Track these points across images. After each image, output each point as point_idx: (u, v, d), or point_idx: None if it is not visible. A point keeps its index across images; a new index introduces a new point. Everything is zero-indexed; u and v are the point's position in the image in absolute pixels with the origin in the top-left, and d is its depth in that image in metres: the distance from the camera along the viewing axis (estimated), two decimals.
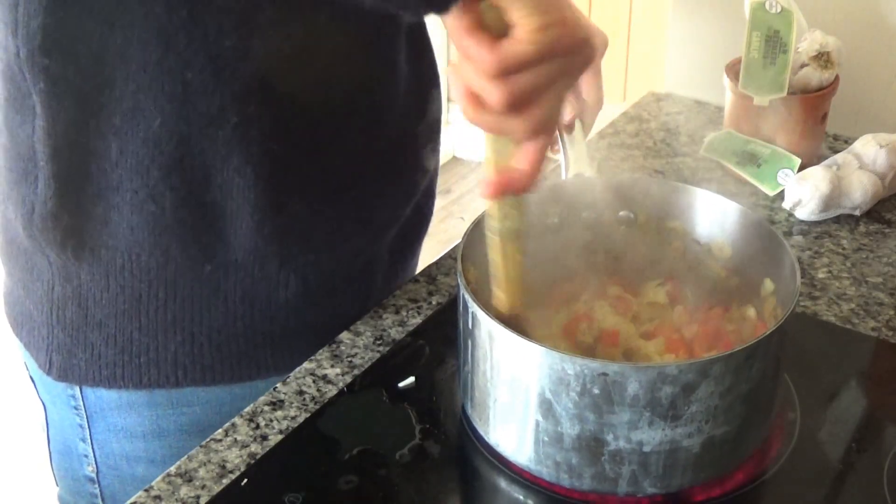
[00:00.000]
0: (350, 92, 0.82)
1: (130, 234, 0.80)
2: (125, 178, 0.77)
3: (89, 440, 0.89)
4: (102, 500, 0.92)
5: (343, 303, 0.90)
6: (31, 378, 0.92)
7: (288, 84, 0.77)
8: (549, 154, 0.91)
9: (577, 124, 0.88)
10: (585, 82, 0.88)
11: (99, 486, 0.92)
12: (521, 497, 0.76)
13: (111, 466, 0.91)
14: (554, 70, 0.61)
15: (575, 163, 0.88)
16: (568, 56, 0.61)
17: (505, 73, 0.59)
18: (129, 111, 0.74)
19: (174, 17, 0.72)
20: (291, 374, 0.86)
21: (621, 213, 0.86)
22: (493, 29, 0.59)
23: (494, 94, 0.60)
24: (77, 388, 0.87)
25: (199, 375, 0.86)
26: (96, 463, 0.91)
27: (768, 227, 0.80)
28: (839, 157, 1.12)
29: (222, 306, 0.84)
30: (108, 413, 0.88)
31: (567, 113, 0.87)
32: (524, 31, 0.58)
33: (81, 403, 0.88)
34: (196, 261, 0.81)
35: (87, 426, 0.89)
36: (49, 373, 0.87)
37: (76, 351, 0.85)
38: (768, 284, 0.80)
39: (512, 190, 0.66)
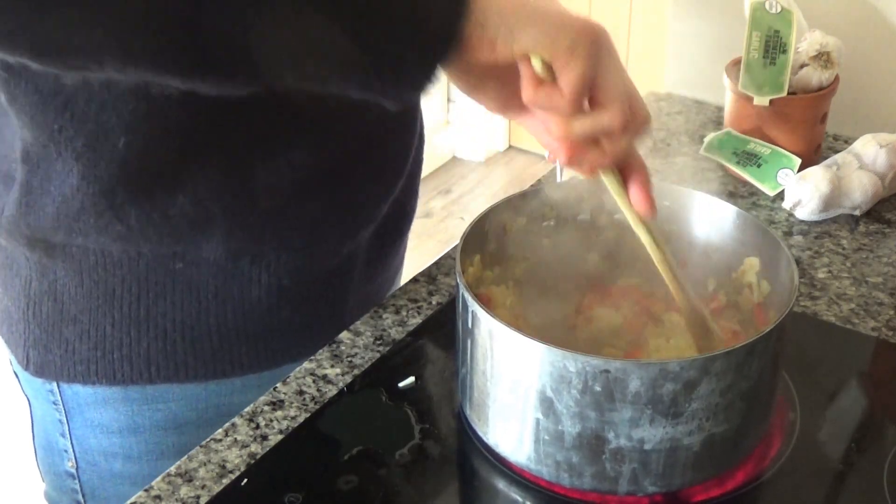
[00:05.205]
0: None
1: (98, 244, 0.80)
2: (87, 203, 0.77)
3: (68, 436, 0.90)
4: (83, 495, 0.93)
5: (319, 300, 0.90)
6: (14, 374, 0.92)
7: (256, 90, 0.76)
8: (546, 159, 0.91)
9: None
10: None
11: (79, 481, 0.92)
12: (522, 497, 0.76)
13: (90, 462, 0.91)
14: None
15: None
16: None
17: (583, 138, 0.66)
18: (92, 133, 0.74)
19: None
20: (291, 374, 0.86)
21: (617, 216, 0.85)
22: (548, 78, 0.64)
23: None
24: (55, 384, 0.87)
25: (173, 371, 0.86)
26: (76, 458, 0.91)
27: (761, 225, 0.81)
28: (839, 157, 1.12)
29: (195, 302, 0.84)
30: (85, 409, 0.88)
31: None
32: (608, 105, 0.65)
33: (60, 399, 0.88)
34: (168, 258, 0.81)
35: (65, 422, 0.89)
36: (27, 368, 0.87)
37: (52, 347, 0.85)
38: (751, 263, 0.81)
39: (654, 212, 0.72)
